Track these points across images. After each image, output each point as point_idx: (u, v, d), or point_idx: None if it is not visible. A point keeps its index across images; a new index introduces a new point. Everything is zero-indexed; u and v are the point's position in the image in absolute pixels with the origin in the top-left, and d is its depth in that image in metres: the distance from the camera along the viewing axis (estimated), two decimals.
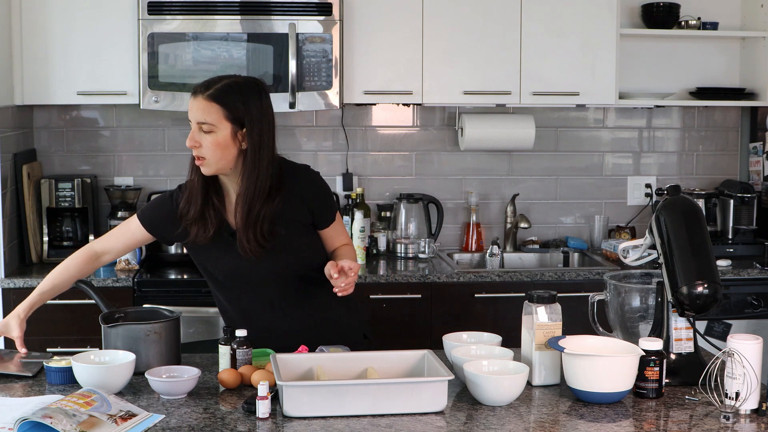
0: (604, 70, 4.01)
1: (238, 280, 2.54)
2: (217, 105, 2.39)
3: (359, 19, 3.88)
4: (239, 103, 2.41)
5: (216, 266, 2.55)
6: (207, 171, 2.43)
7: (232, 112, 2.40)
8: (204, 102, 2.40)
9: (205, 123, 2.39)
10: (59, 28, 3.77)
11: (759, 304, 3.82)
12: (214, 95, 2.40)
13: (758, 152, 4.36)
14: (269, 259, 2.48)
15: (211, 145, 2.40)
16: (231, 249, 2.48)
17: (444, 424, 1.99)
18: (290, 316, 2.56)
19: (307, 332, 2.53)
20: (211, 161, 2.41)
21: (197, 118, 2.40)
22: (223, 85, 2.42)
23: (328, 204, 2.59)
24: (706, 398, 2.13)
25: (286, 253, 2.50)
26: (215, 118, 2.39)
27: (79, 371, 2.17)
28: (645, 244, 2.40)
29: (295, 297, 2.56)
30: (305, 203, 2.52)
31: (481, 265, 4.19)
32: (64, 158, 4.17)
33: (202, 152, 2.41)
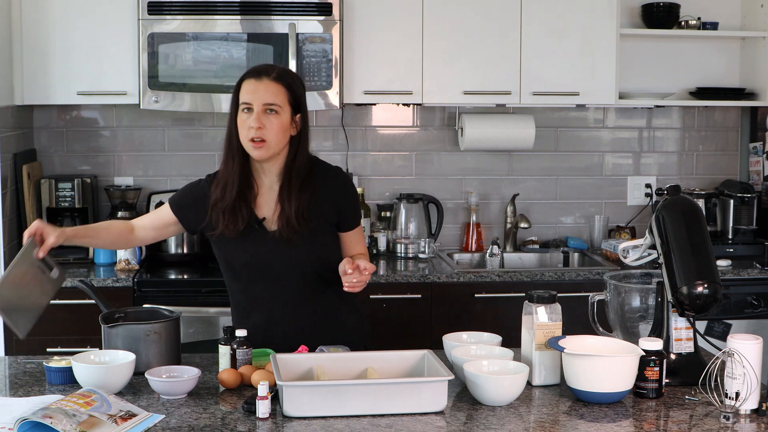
0: (604, 70, 4.01)
1: (257, 271, 2.55)
2: (284, 88, 2.47)
3: (359, 19, 3.88)
4: (297, 88, 2.50)
5: (237, 255, 2.55)
6: (264, 154, 2.46)
7: (294, 97, 2.48)
8: (272, 84, 2.46)
9: (273, 104, 2.45)
10: (59, 28, 3.77)
11: (759, 304, 3.82)
12: (280, 78, 2.48)
13: (758, 152, 4.36)
14: (292, 251, 2.50)
15: (276, 127, 2.45)
16: (255, 238, 2.51)
17: (444, 424, 1.99)
18: (302, 312, 2.57)
19: (314, 331, 2.54)
20: (272, 144, 2.45)
21: (265, 100, 2.44)
22: (284, 70, 2.52)
23: (356, 208, 2.65)
24: (706, 398, 2.13)
25: (309, 246, 2.52)
26: (282, 99, 2.46)
27: (79, 371, 2.17)
28: (645, 244, 2.40)
29: (310, 293, 2.57)
30: (335, 203, 2.57)
31: (481, 265, 4.19)
32: (64, 158, 4.17)
33: (265, 134, 2.44)
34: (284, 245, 2.50)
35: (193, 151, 4.23)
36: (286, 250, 2.51)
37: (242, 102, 2.47)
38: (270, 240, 2.51)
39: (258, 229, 2.52)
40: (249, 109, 2.46)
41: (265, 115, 2.44)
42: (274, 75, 2.47)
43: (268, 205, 2.54)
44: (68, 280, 3.54)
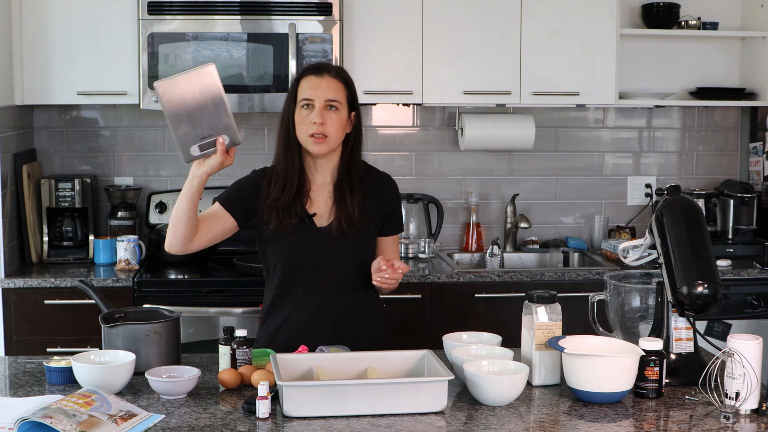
0: (604, 70, 4.01)
1: (300, 265, 2.56)
2: (343, 85, 2.53)
3: (359, 19, 3.88)
4: (353, 87, 2.56)
5: (283, 248, 2.56)
6: (324, 149, 2.50)
7: (351, 94, 2.54)
8: (333, 81, 2.51)
9: (334, 101, 2.49)
10: (59, 28, 3.77)
11: (759, 304, 3.82)
12: (341, 75, 2.54)
13: (758, 152, 4.36)
14: (338, 248, 2.53)
15: (336, 123, 2.49)
16: (304, 233, 2.53)
17: (444, 424, 1.99)
18: (335, 309, 2.58)
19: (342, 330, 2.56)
20: (332, 139, 2.50)
21: (327, 96, 2.49)
22: (340, 67, 2.58)
23: (400, 215, 2.71)
24: (706, 398, 2.13)
25: (355, 245, 2.55)
26: (342, 96, 2.51)
27: (79, 371, 2.17)
28: (645, 244, 2.40)
29: (347, 290, 2.58)
30: (382, 206, 2.62)
31: (481, 265, 4.19)
32: (64, 158, 4.17)
33: (326, 129, 2.48)
34: (332, 241, 2.53)
35: None
36: (334, 246, 2.53)
37: (303, 98, 2.51)
38: (319, 235, 2.54)
39: (308, 224, 2.55)
40: (309, 105, 2.50)
41: (327, 111, 2.49)
42: (334, 71, 2.53)
43: (320, 201, 2.57)
44: (68, 280, 3.56)
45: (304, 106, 2.50)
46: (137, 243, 3.81)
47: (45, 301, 3.55)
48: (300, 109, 2.51)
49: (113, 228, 3.98)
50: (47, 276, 3.62)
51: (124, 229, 3.97)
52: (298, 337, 2.50)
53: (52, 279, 3.57)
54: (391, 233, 2.67)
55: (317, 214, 2.56)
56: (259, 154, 4.20)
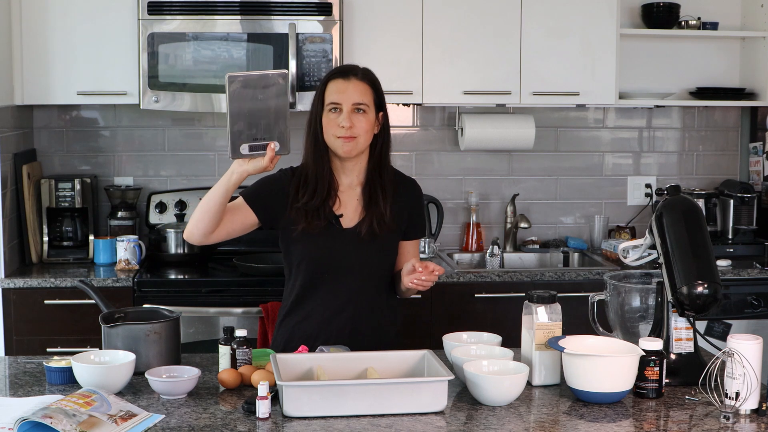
0: (604, 70, 4.01)
1: (325, 265, 2.56)
2: (370, 87, 2.55)
3: (359, 19, 3.88)
4: (381, 88, 2.58)
5: (308, 249, 2.56)
6: (353, 151, 2.51)
7: (378, 96, 2.56)
8: (360, 83, 2.53)
9: (362, 103, 2.51)
10: (59, 28, 3.77)
11: (759, 304, 3.82)
12: (367, 77, 2.56)
13: (758, 152, 4.36)
14: (364, 250, 2.54)
15: (364, 125, 2.51)
16: (330, 234, 2.54)
17: (444, 424, 1.99)
18: (355, 311, 2.58)
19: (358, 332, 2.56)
20: (361, 141, 2.52)
21: (354, 99, 2.51)
22: (367, 69, 2.58)
23: (423, 220, 2.72)
24: (706, 398, 2.13)
25: (380, 247, 2.56)
26: (369, 99, 2.53)
27: (79, 371, 2.17)
28: (645, 244, 2.40)
29: (370, 293, 2.59)
30: (407, 211, 2.63)
31: (481, 265, 4.19)
32: (64, 158, 4.17)
33: (355, 132, 2.50)
34: (359, 243, 2.54)
35: (193, 151, 4.23)
36: (360, 247, 2.54)
37: (330, 102, 2.52)
38: (345, 237, 2.55)
39: (335, 224, 2.56)
40: (337, 109, 2.51)
41: (354, 114, 2.50)
42: (360, 74, 2.54)
43: (348, 203, 2.58)
44: (68, 280, 3.56)
45: (331, 110, 2.51)
46: (137, 243, 3.81)
47: (45, 301, 3.55)
48: (328, 113, 2.52)
49: (113, 228, 3.98)
50: (47, 276, 3.62)
51: (124, 229, 3.97)
52: (316, 336, 2.50)
53: (52, 279, 3.57)
54: (414, 237, 2.67)
55: (344, 216, 2.57)
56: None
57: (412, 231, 2.66)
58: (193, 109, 3.79)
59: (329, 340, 2.47)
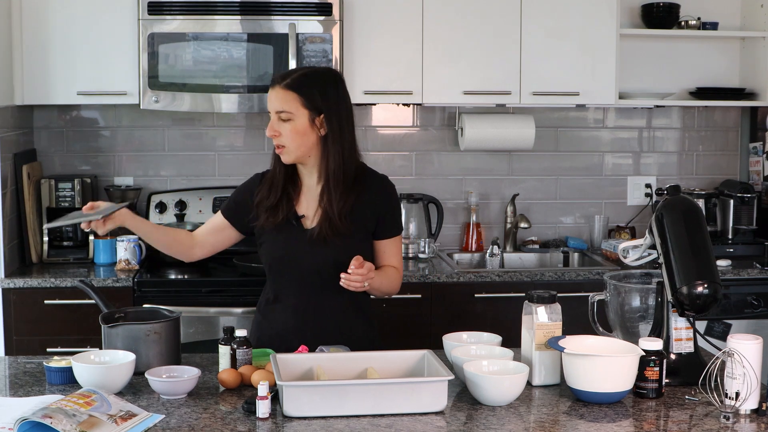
0: (604, 70, 4.01)
1: (287, 265, 2.58)
2: (294, 93, 2.51)
3: (359, 19, 3.88)
4: (315, 90, 2.52)
5: (271, 248, 2.61)
6: (287, 159, 2.54)
7: (308, 99, 2.51)
8: (281, 91, 2.51)
9: (283, 111, 2.50)
10: (59, 28, 3.77)
11: (759, 304, 3.82)
12: (290, 84, 2.51)
13: (758, 152, 4.36)
14: (324, 251, 2.54)
15: (290, 133, 2.50)
16: (291, 234, 2.57)
17: (444, 424, 1.99)
18: (322, 312, 2.58)
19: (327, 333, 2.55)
20: (290, 149, 2.52)
21: (275, 108, 2.51)
22: (299, 75, 2.54)
23: (396, 218, 2.68)
24: (706, 398, 2.13)
25: (342, 249, 2.54)
26: (293, 106, 2.50)
27: (79, 371, 2.17)
28: (645, 244, 2.40)
29: (333, 295, 2.57)
30: (376, 209, 2.61)
31: (481, 265, 4.19)
32: (64, 158, 4.17)
33: (282, 141, 2.51)
34: (318, 244, 2.54)
35: (193, 151, 4.23)
36: (319, 249, 2.54)
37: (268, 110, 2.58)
38: (305, 237, 2.56)
39: (295, 225, 2.57)
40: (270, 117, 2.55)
41: (279, 122, 2.51)
42: (284, 82, 2.52)
43: (309, 204, 2.59)
44: (68, 280, 3.56)
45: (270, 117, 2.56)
46: (137, 243, 3.81)
47: (45, 301, 3.55)
48: None
49: None
50: (47, 276, 3.62)
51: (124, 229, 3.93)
52: (283, 339, 2.50)
53: (52, 279, 3.57)
54: (388, 236, 2.65)
55: (305, 216, 2.59)
56: (259, 154, 4.21)
57: (383, 230, 2.63)
58: (193, 109, 3.79)
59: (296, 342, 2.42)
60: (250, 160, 4.21)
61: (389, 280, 2.62)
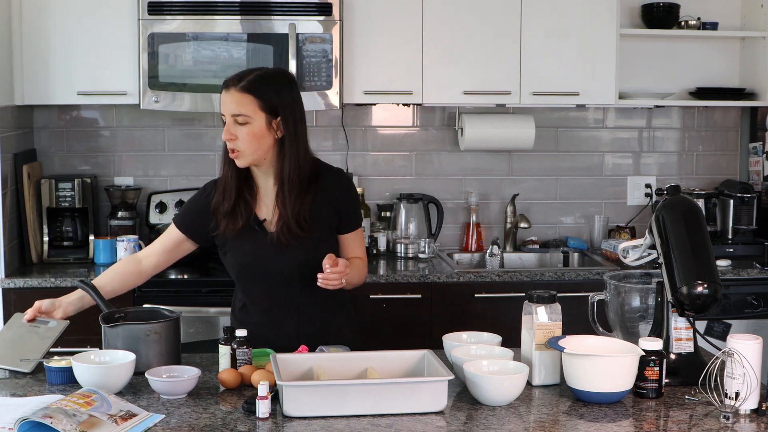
0: (604, 70, 4.01)
1: (255, 271, 2.57)
2: (251, 96, 2.45)
3: (359, 19, 3.88)
4: (272, 92, 2.47)
5: (236, 255, 2.58)
6: (242, 163, 2.49)
7: (265, 102, 2.45)
8: (237, 94, 2.45)
9: (240, 115, 2.45)
10: (59, 28, 3.77)
11: (759, 304, 3.82)
12: (246, 87, 2.45)
13: (758, 152, 4.36)
14: (290, 253, 2.52)
15: (247, 136, 2.45)
16: (254, 239, 2.54)
17: (444, 424, 1.99)
18: (298, 313, 2.58)
19: (308, 333, 2.55)
20: (246, 152, 2.47)
21: (231, 111, 2.45)
22: (254, 77, 2.48)
23: (356, 210, 2.65)
24: (706, 398, 2.13)
25: (307, 249, 2.53)
26: (250, 109, 2.45)
27: (79, 371, 2.17)
28: (645, 244, 2.40)
29: (307, 294, 2.57)
30: (335, 205, 2.58)
31: (481, 265, 4.19)
32: (64, 158, 4.17)
33: (237, 144, 2.46)
34: (282, 246, 2.52)
35: (193, 151, 4.23)
36: (285, 251, 2.52)
37: (220, 113, 2.52)
38: (269, 241, 2.53)
39: (258, 230, 2.55)
40: (224, 121, 2.49)
41: (235, 126, 2.46)
42: (240, 84, 2.46)
43: (268, 207, 2.56)
44: (68, 280, 3.56)
45: (223, 121, 2.50)
46: (137, 243, 3.81)
47: None
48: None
49: (113, 228, 3.98)
50: (47, 276, 3.62)
51: (124, 229, 3.97)
52: (264, 343, 2.48)
53: (52, 279, 3.57)
54: (349, 230, 2.63)
55: (266, 220, 2.56)
56: None
57: (345, 224, 2.61)
58: (193, 109, 3.79)
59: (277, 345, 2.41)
60: None
61: (358, 271, 2.62)
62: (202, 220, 2.60)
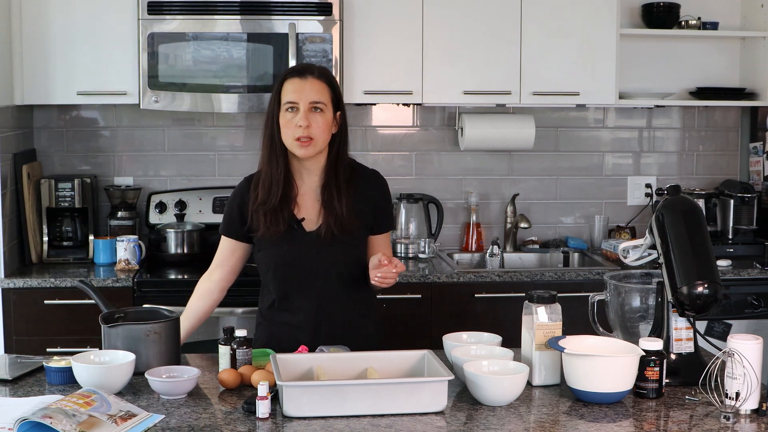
0: (604, 70, 4.01)
1: (293, 270, 2.55)
2: (327, 86, 2.49)
3: (359, 19, 3.88)
4: (338, 87, 2.53)
5: (274, 255, 2.56)
6: (311, 152, 2.48)
7: (335, 94, 2.51)
8: (317, 82, 2.48)
9: (319, 102, 2.47)
10: (59, 28, 3.77)
11: (759, 304, 3.82)
12: (324, 75, 2.50)
13: (758, 152, 4.36)
14: (330, 251, 2.51)
15: (321, 125, 2.47)
16: (293, 238, 2.53)
17: (444, 424, 1.99)
18: (334, 312, 2.57)
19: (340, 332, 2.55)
20: (318, 141, 2.48)
21: (311, 98, 2.46)
22: (324, 68, 2.54)
23: (391, 212, 2.67)
24: (706, 398, 2.13)
25: (346, 247, 2.54)
26: (326, 97, 2.48)
27: (79, 371, 2.17)
28: (645, 244, 2.39)
29: (343, 293, 2.57)
30: (372, 205, 2.59)
31: (481, 265, 4.19)
32: (64, 158, 4.17)
33: (312, 132, 2.46)
34: (322, 245, 2.52)
35: (193, 151, 4.23)
36: (324, 250, 2.52)
37: (287, 101, 2.49)
38: (309, 240, 2.53)
39: (297, 229, 2.54)
40: (294, 108, 2.48)
41: (311, 114, 2.47)
42: (317, 73, 2.50)
43: (309, 205, 2.56)
44: (68, 280, 3.56)
45: (288, 109, 2.48)
46: (137, 243, 3.82)
47: (45, 301, 3.55)
48: (285, 113, 2.49)
49: (113, 228, 3.98)
50: (47, 276, 3.62)
51: (124, 229, 3.97)
52: (294, 341, 2.49)
53: (52, 279, 3.57)
54: (383, 231, 2.64)
55: (306, 219, 2.55)
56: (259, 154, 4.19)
57: (380, 225, 2.62)
58: (193, 109, 3.79)
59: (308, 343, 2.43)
60: (250, 160, 4.21)
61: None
62: (240, 221, 2.58)
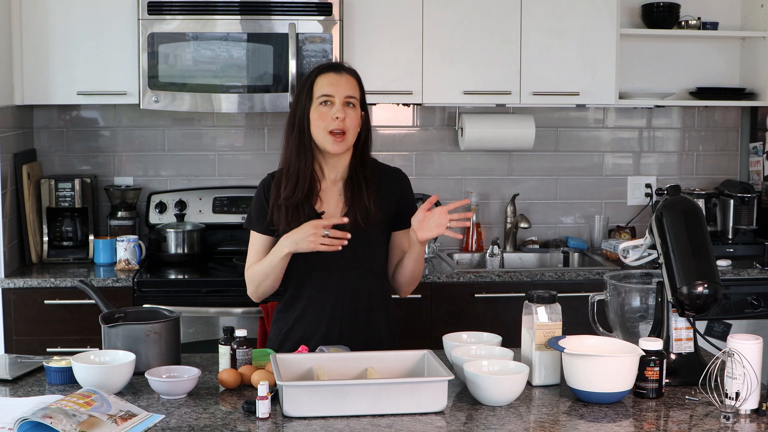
0: (604, 70, 4.01)
1: (313, 265, 2.53)
2: (358, 84, 2.55)
3: (359, 19, 3.88)
4: (363, 87, 2.58)
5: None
6: (343, 147, 2.51)
7: (363, 93, 2.56)
8: (351, 78, 2.54)
9: (352, 97, 2.51)
10: (59, 28, 3.77)
11: (759, 304, 3.82)
12: (355, 74, 2.56)
13: (758, 152, 4.36)
14: (351, 246, 2.49)
15: (354, 119, 2.52)
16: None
17: (444, 424, 1.99)
18: (352, 309, 2.57)
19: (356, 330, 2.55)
20: (350, 136, 2.51)
21: (347, 92, 2.50)
22: (353, 68, 2.58)
23: (414, 208, 2.63)
24: (706, 398, 2.13)
25: (368, 242, 2.54)
26: (358, 94, 2.53)
27: (79, 371, 2.17)
28: (645, 244, 2.40)
29: (364, 289, 2.57)
30: (395, 201, 2.61)
31: (481, 265, 4.19)
32: (64, 158, 4.17)
33: (346, 125, 2.49)
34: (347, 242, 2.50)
35: (193, 151, 4.23)
36: (345, 246, 2.50)
37: (322, 95, 2.50)
38: (329, 235, 2.51)
39: None
40: (328, 102, 2.50)
41: (346, 108, 2.50)
42: (350, 70, 2.55)
43: (330, 201, 2.57)
44: (68, 280, 3.56)
45: (323, 102, 2.49)
46: (137, 243, 3.82)
47: (45, 301, 3.55)
48: (318, 107, 2.50)
49: (113, 228, 3.98)
50: (47, 276, 3.62)
51: (124, 229, 3.97)
52: (311, 336, 2.49)
53: (52, 279, 3.57)
54: (406, 227, 2.62)
55: (326, 213, 2.56)
56: (259, 154, 4.21)
57: (403, 221, 2.61)
58: (193, 109, 3.79)
59: (324, 339, 2.45)
60: (250, 160, 4.21)
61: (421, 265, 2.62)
62: (266, 213, 2.58)
